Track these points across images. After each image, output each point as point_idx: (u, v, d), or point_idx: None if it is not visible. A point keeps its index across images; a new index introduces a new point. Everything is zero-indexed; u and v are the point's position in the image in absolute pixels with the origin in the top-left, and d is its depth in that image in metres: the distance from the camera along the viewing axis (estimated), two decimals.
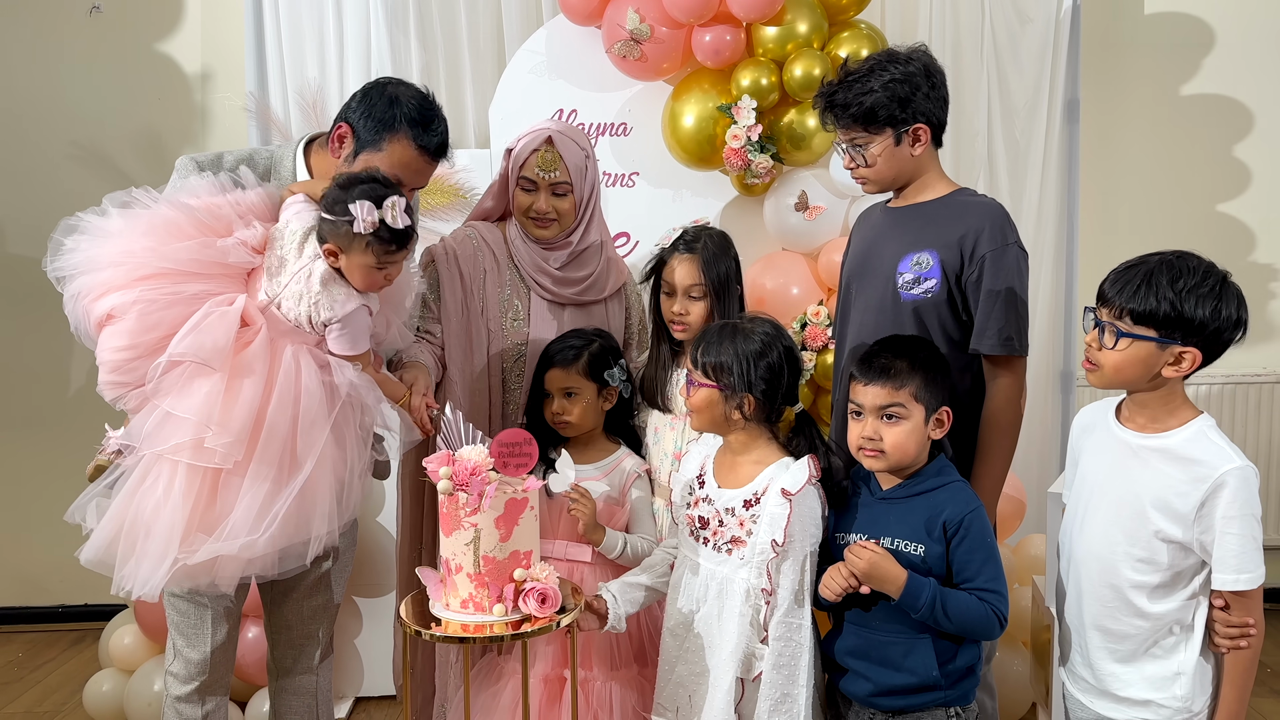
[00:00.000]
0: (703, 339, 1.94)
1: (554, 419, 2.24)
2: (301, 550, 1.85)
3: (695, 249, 2.26)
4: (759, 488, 1.89)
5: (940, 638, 1.82)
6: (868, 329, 2.14)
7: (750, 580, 1.87)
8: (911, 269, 2.09)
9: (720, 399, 1.91)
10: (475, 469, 1.79)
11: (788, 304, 3.00)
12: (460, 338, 2.32)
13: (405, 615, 1.83)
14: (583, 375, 2.22)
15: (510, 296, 2.35)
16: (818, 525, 1.88)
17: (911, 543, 1.82)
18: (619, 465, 2.25)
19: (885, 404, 1.84)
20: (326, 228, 1.90)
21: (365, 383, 1.93)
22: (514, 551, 1.81)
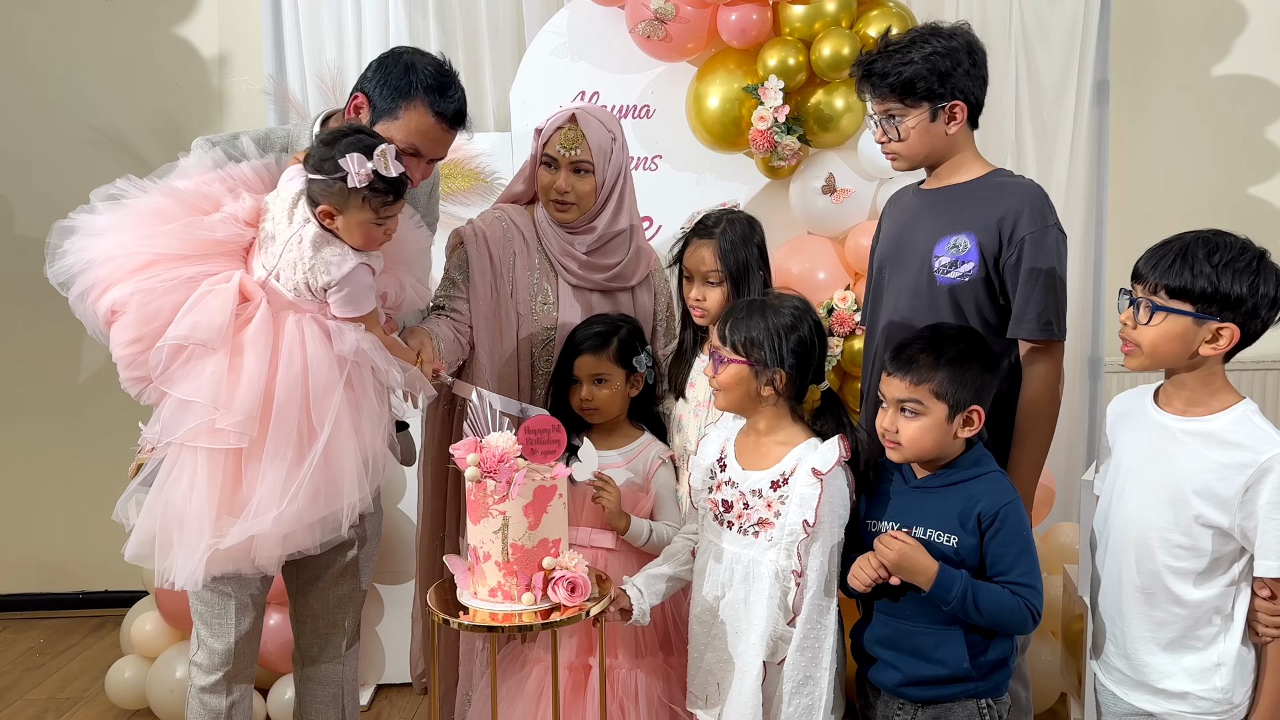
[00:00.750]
0: (730, 315, 1.92)
1: (581, 405, 2.23)
2: (336, 521, 1.84)
3: (713, 234, 2.24)
4: (787, 468, 1.88)
5: (972, 630, 1.80)
6: (901, 314, 2.12)
7: (779, 562, 1.86)
8: (948, 252, 2.07)
9: (750, 375, 1.89)
10: (503, 456, 1.79)
11: (814, 288, 2.98)
12: (489, 320, 2.32)
13: (432, 604, 1.83)
14: (613, 361, 2.22)
15: (539, 280, 2.34)
16: (846, 506, 1.88)
17: (944, 534, 1.80)
18: (643, 451, 2.25)
19: (902, 398, 1.82)
20: (318, 188, 1.85)
21: (371, 344, 1.91)
22: (543, 539, 1.80)
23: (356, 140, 1.84)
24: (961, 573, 1.77)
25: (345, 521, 1.84)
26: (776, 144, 2.91)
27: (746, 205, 3.09)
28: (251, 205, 1.92)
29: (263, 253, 1.90)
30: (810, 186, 2.99)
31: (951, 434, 1.82)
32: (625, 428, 2.29)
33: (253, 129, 2.16)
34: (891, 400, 1.83)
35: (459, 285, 2.35)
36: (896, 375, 1.82)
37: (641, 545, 2.15)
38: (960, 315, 2.06)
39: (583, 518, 2.19)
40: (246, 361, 1.79)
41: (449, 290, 2.36)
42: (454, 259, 2.39)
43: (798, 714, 1.86)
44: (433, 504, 2.41)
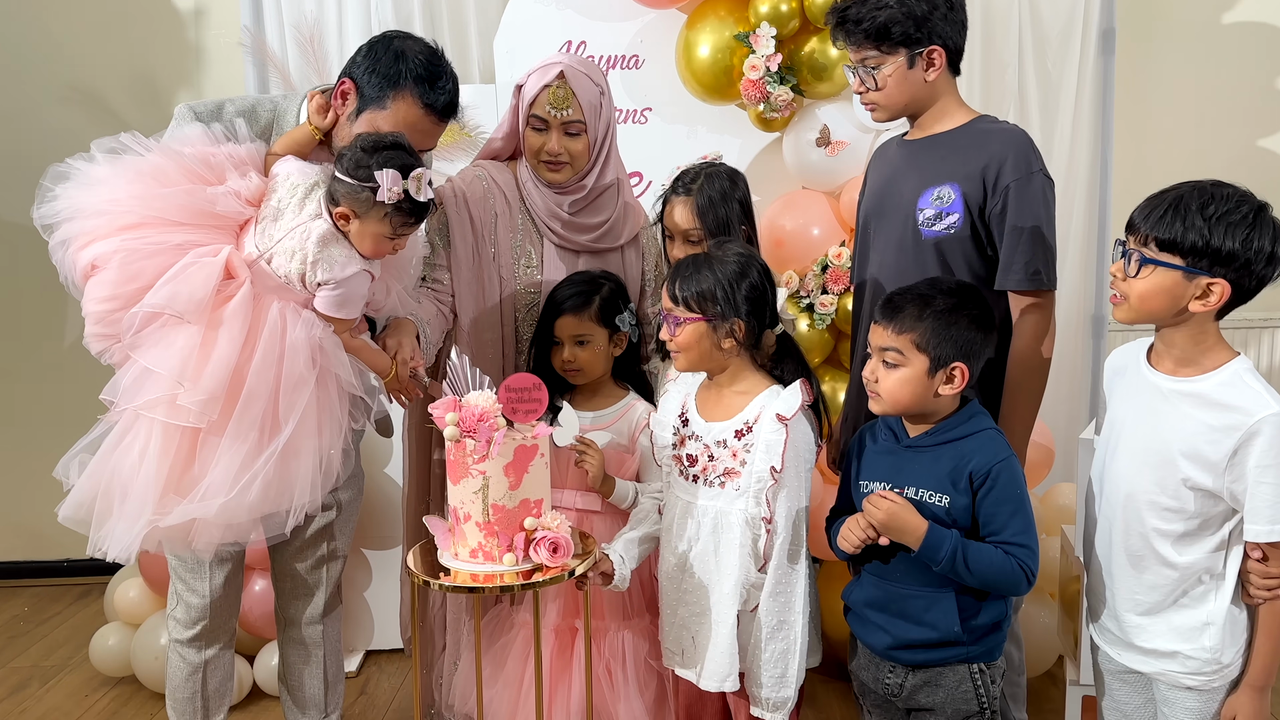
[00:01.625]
0: (677, 273, 1.93)
1: (564, 367, 2.23)
2: (281, 520, 1.84)
3: (691, 191, 2.23)
4: (750, 416, 1.91)
5: (964, 593, 1.81)
6: (888, 270, 2.12)
7: (749, 510, 1.89)
8: (932, 204, 2.06)
9: (708, 330, 1.91)
10: (483, 415, 1.79)
11: (808, 245, 2.96)
12: (471, 285, 2.32)
13: (413, 565, 1.84)
14: (595, 321, 2.22)
15: (523, 242, 2.34)
16: (812, 451, 1.92)
17: (936, 493, 1.80)
18: (628, 412, 2.25)
19: (884, 346, 1.83)
20: (343, 189, 1.87)
21: (332, 344, 1.91)
22: (524, 500, 1.81)
23: (397, 157, 1.86)
24: (951, 532, 1.77)
25: (290, 521, 1.85)
26: (769, 94, 2.87)
27: (739, 159, 3.06)
28: (258, 185, 1.92)
29: (258, 233, 1.89)
30: (804, 139, 2.96)
31: (932, 390, 1.81)
32: (609, 388, 2.29)
33: (237, 97, 2.15)
34: (875, 348, 1.83)
35: (438, 250, 2.34)
36: (882, 323, 1.82)
37: (626, 507, 2.16)
38: (947, 269, 2.05)
39: (567, 480, 2.20)
40: (220, 340, 1.79)
41: (429, 259, 2.35)
42: (433, 221, 2.37)
43: (774, 659, 1.89)
44: (418, 467, 2.41)
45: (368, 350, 2.01)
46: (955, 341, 1.79)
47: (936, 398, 1.81)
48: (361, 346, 1.99)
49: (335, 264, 1.87)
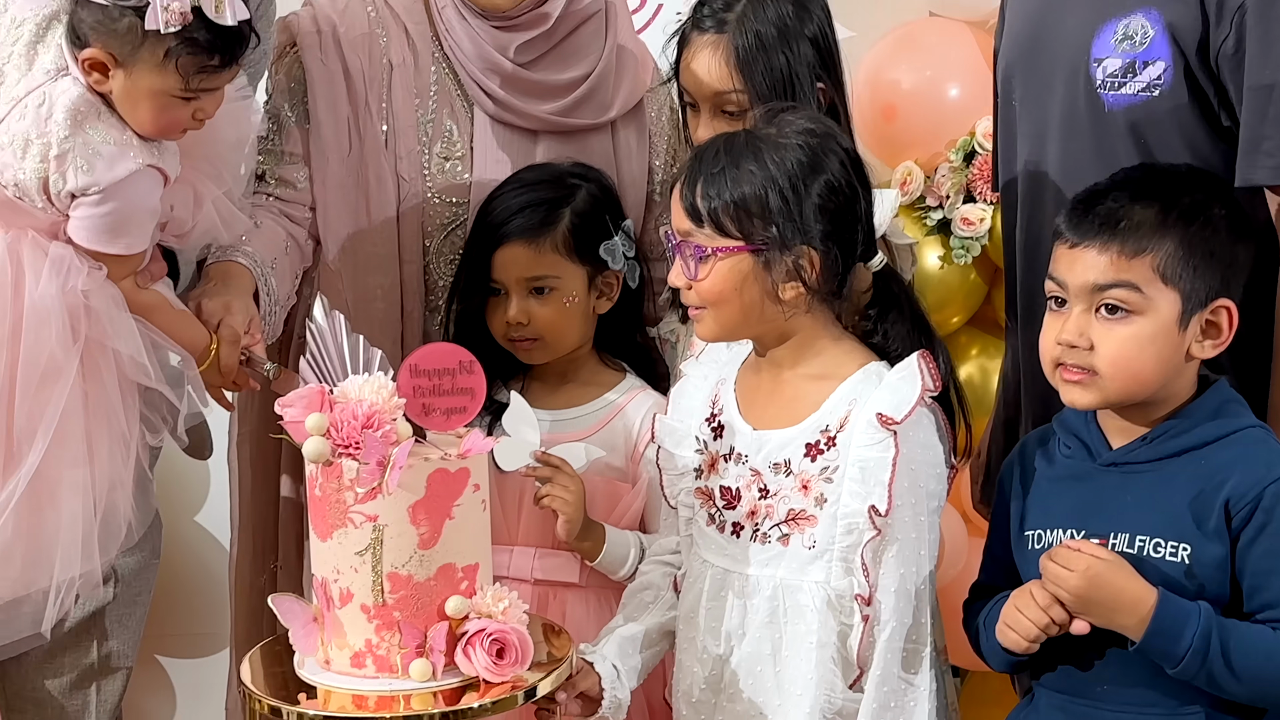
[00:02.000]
0: (697, 168, 1.96)
1: (510, 334, 2.27)
2: (36, 613, 1.89)
3: (726, 24, 2.26)
4: (831, 419, 1.93)
5: (1222, 711, 1.83)
6: (1048, 164, 2.18)
7: (831, 583, 1.93)
8: (1117, 49, 2.10)
9: (754, 268, 1.93)
10: (371, 416, 1.80)
11: (942, 115, 2.99)
12: (347, 191, 2.36)
13: (250, 682, 1.86)
14: (563, 253, 2.25)
15: (439, 115, 2.39)
16: (942, 478, 1.95)
17: (1168, 541, 1.83)
18: (625, 409, 2.29)
19: (1104, 282, 1.84)
20: (91, 20, 1.91)
21: (107, 304, 1.93)
22: (445, 566, 1.82)
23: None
24: (1200, 606, 1.80)
25: (51, 614, 1.89)
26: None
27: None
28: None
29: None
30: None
31: (1184, 351, 1.85)
32: (593, 369, 2.35)
33: None
34: (1079, 290, 1.86)
35: (288, 129, 2.35)
36: (1089, 243, 1.86)
37: (623, 577, 2.20)
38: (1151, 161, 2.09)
39: (520, 531, 2.23)
40: None
41: (269, 141, 2.37)
42: (279, 79, 2.39)
43: None
44: (255, 511, 2.45)
45: (169, 314, 2.02)
46: (1217, 265, 1.84)
47: (1186, 365, 1.86)
48: (157, 306, 2.01)
49: (98, 157, 1.88)
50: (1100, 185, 1.93)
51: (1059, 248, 1.91)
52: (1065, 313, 1.88)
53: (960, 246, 2.96)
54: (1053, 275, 1.91)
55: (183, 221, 2.07)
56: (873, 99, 3.03)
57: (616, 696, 2.00)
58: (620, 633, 2.07)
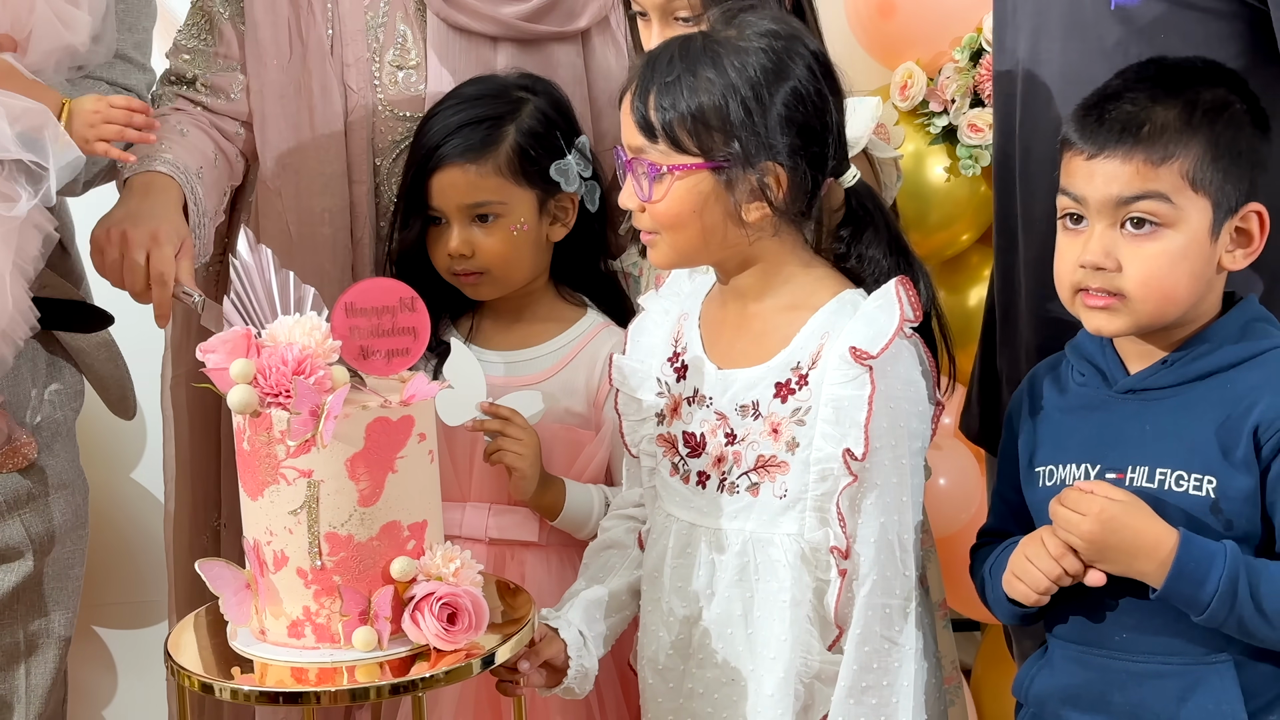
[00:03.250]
0: (650, 74, 1.92)
1: (451, 269, 2.28)
2: None
3: None
4: (802, 354, 1.92)
5: (1254, 658, 1.83)
6: (1045, 63, 2.19)
7: (805, 535, 1.92)
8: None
9: (716, 186, 1.90)
10: (303, 361, 1.77)
11: (946, 10, 2.98)
12: (287, 102, 2.37)
13: (180, 655, 1.85)
14: (507, 175, 2.26)
15: (391, 18, 2.40)
16: (924, 417, 1.93)
17: (1191, 474, 1.82)
18: (585, 348, 2.32)
19: (1131, 194, 1.81)
20: None
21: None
22: (389, 524, 1.80)
23: None
24: (1225, 545, 1.78)
25: None
26: None
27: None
28: None
29: None
30: None
31: (1215, 264, 1.84)
32: (549, 304, 2.37)
33: None
34: (1100, 204, 1.83)
35: (220, 28, 2.35)
36: (1110, 151, 1.82)
37: (587, 535, 2.22)
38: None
39: (473, 485, 2.26)
40: None
41: (200, 40, 2.36)
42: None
43: None
44: (193, 463, 2.46)
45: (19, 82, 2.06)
46: (1248, 163, 1.84)
47: (1216, 276, 1.86)
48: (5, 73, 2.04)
49: None
50: (1111, 86, 1.90)
51: (1072, 159, 1.87)
52: (1084, 231, 1.86)
53: (968, 156, 2.95)
54: (1066, 190, 1.88)
55: (5, 23, 2.07)
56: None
57: (583, 665, 2.00)
58: (584, 596, 2.07)
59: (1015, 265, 2.32)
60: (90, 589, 2.90)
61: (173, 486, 2.51)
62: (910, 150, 3.02)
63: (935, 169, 2.98)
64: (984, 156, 2.92)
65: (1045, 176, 1.97)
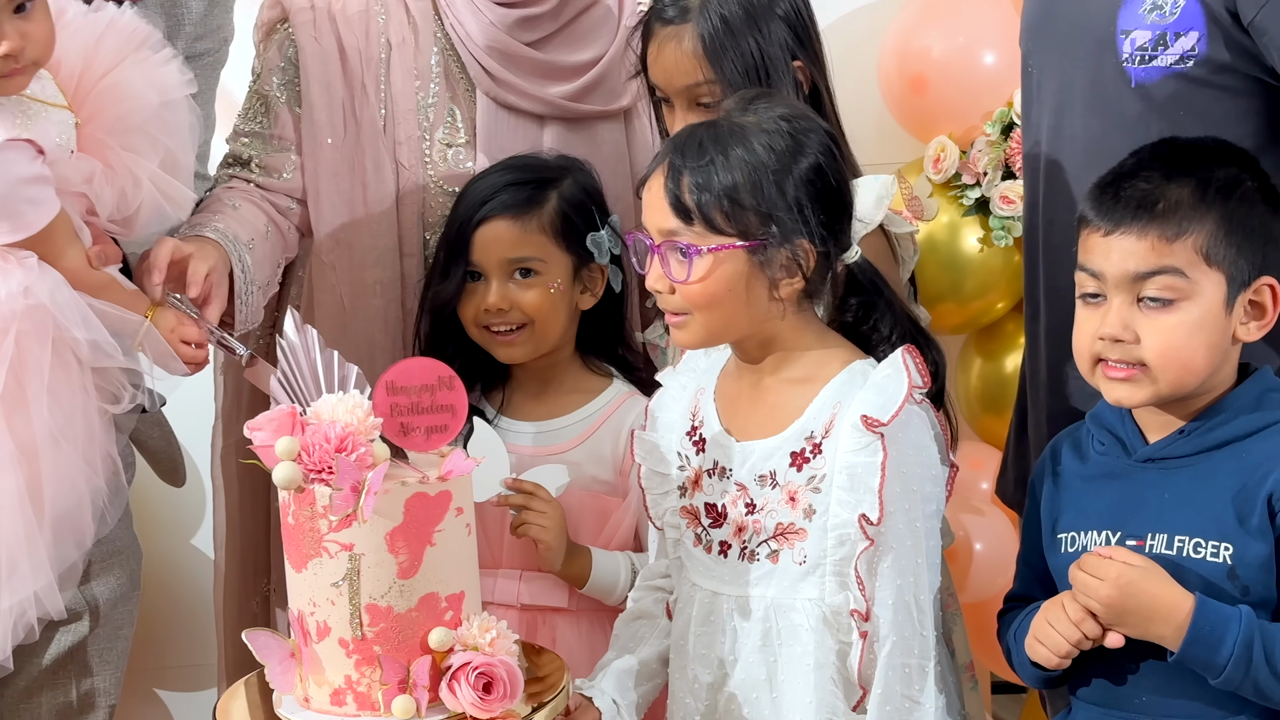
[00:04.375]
0: (680, 158, 1.92)
1: (487, 321, 2.28)
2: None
3: (689, 11, 2.23)
4: (815, 424, 1.93)
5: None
6: (1070, 143, 2.20)
7: (826, 599, 1.92)
8: (1146, 19, 2.10)
9: (750, 264, 1.91)
10: (345, 438, 1.79)
11: (977, 85, 3.00)
12: (340, 179, 2.39)
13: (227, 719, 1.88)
14: (549, 234, 2.27)
15: (441, 98, 2.42)
16: (938, 481, 1.93)
17: (1208, 541, 1.83)
18: (612, 416, 2.31)
19: (1146, 270, 1.83)
20: None
21: (57, 289, 1.94)
22: (427, 596, 1.82)
23: None
24: (1240, 610, 1.79)
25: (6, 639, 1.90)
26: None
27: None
28: None
29: None
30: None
31: (1230, 335, 1.86)
32: (576, 374, 2.36)
33: None
34: (1119, 280, 1.86)
35: (277, 111, 2.37)
36: (1127, 228, 1.85)
37: (617, 601, 2.22)
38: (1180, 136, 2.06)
39: (504, 553, 2.24)
40: None
41: (258, 123, 2.38)
42: (269, 58, 2.40)
43: None
44: (243, 529, 2.48)
45: (120, 294, 2.04)
46: (1257, 241, 1.85)
47: (1231, 348, 1.87)
48: (108, 286, 2.03)
49: None
50: (1127, 165, 1.92)
51: (1089, 236, 1.89)
52: (1103, 305, 1.87)
53: (1001, 227, 2.97)
54: (1084, 266, 1.90)
55: (124, 202, 2.06)
56: (901, 69, 3.04)
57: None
58: (616, 665, 2.06)
59: (1038, 336, 2.32)
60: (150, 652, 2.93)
61: (223, 552, 2.52)
62: (944, 221, 3.04)
63: (969, 239, 3.00)
64: (1016, 227, 2.91)
65: (1069, 249, 1.97)
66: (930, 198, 3.04)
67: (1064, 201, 2.23)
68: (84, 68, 2.05)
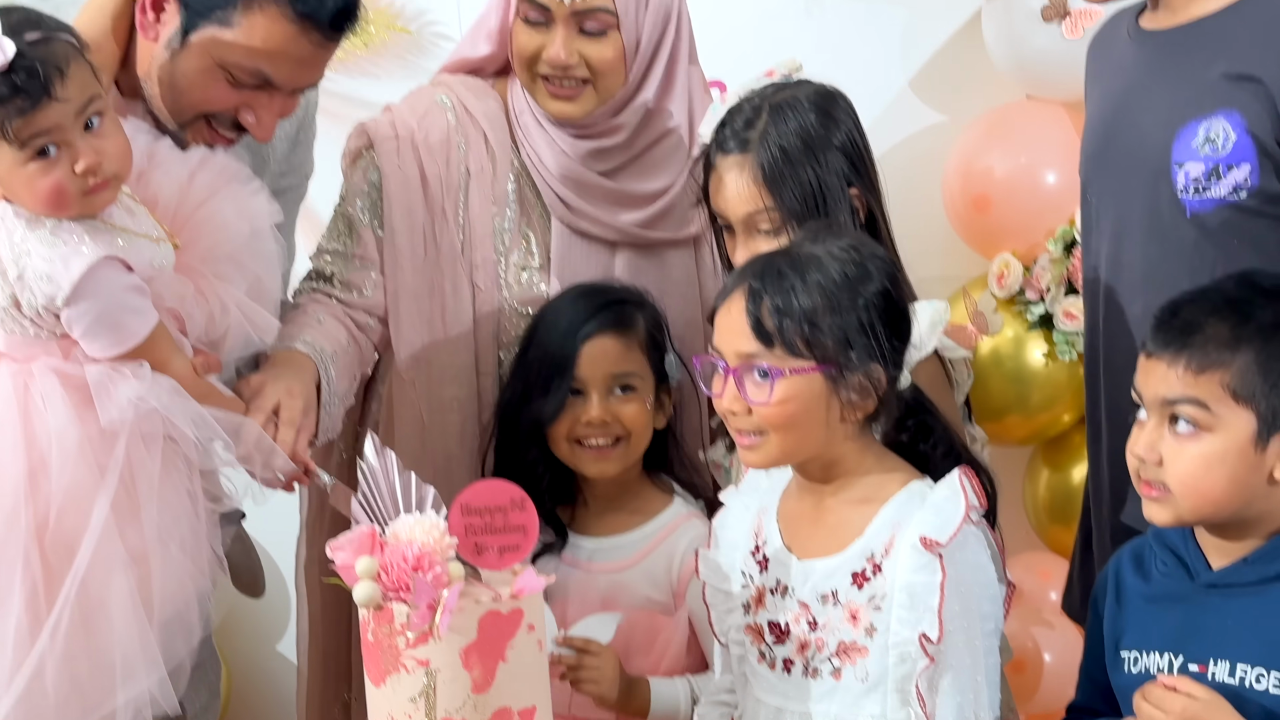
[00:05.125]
0: (760, 284, 1.94)
1: (588, 435, 2.30)
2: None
3: (748, 143, 2.26)
4: (876, 544, 1.94)
5: None
6: (1130, 269, 2.22)
7: (888, 716, 1.92)
8: (1199, 152, 2.12)
9: (825, 387, 1.93)
10: (422, 558, 1.83)
11: (1040, 203, 3.01)
12: (420, 299, 2.43)
13: None
14: (644, 352, 2.34)
15: (516, 223, 2.46)
16: (996, 600, 1.94)
17: (1270, 671, 1.83)
18: (670, 536, 2.33)
19: (1172, 397, 1.86)
20: None
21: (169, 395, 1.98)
22: (500, 711, 1.84)
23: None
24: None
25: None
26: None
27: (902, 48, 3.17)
28: None
29: None
30: (1020, 7, 3.02)
31: (1263, 473, 1.85)
32: (642, 493, 2.40)
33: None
34: (1152, 402, 1.89)
35: (357, 230, 2.42)
36: (1162, 355, 1.88)
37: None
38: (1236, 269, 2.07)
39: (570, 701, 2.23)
40: None
41: (341, 243, 2.43)
42: (354, 182, 2.46)
43: None
44: (325, 637, 2.50)
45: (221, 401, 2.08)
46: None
47: (1270, 487, 1.86)
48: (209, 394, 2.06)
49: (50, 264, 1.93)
50: (1184, 294, 1.95)
51: (1141, 357, 1.92)
52: (1140, 424, 1.90)
53: (1064, 342, 2.99)
54: (1134, 385, 1.93)
55: (212, 324, 2.10)
56: (965, 188, 3.08)
57: None
58: None
59: (1100, 455, 2.33)
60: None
61: (305, 659, 2.54)
62: (1009, 335, 3.06)
63: (1034, 353, 3.01)
64: (1079, 342, 2.87)
65: (1129, 371, 1.96)
66: (995, 313, 3.07)
67: (1123, 326, 2.26)
68: (179, 201, 2.11)
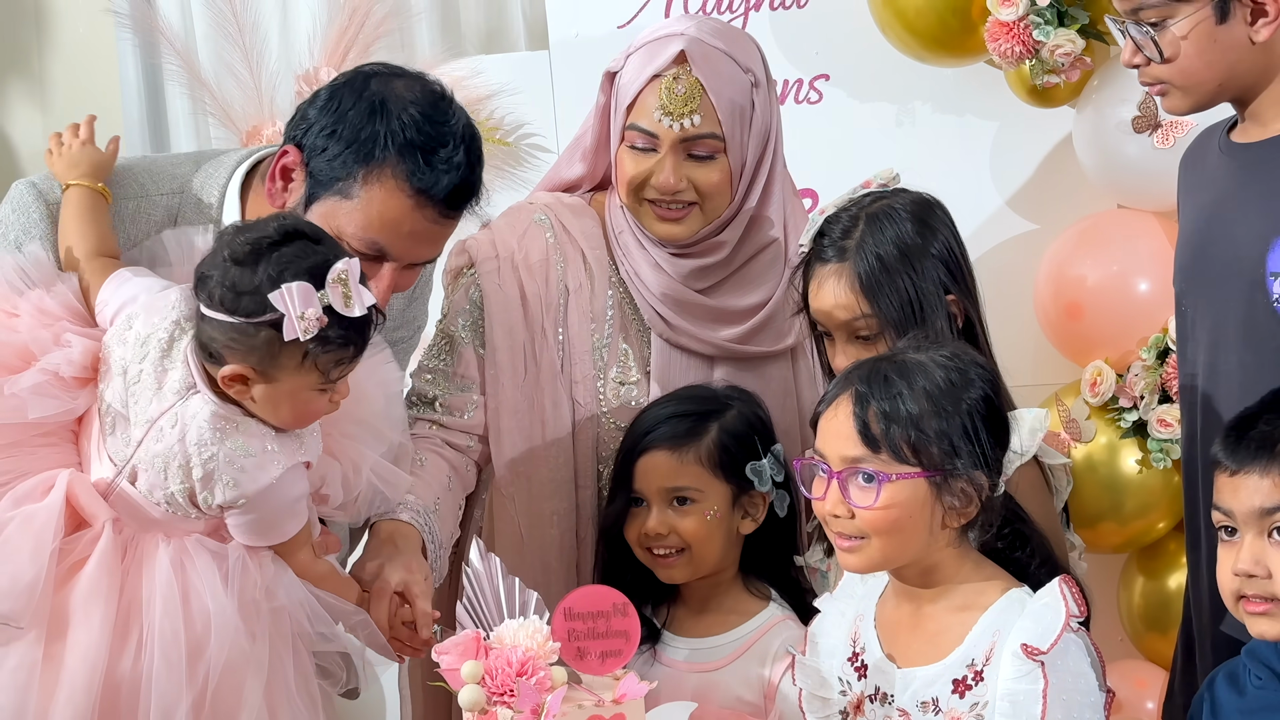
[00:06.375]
0: (867, 390, 1.98)
1: (648, 544, 2.33)
2: None
3: (846, 251, 2.30)
4: (976, 652, 1.95)
5: None
6: (1224, 374, 2.24)
7: None
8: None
9: (929, 492, 1.96)
10: (526, 663, 1.86)
11: (1132, 311, 3.03)
12: (520, 415, 2.46)
13: None
14: (707, 466, 2.33)
15: (615, 339, 2.50)
16: (1096, 707, 1.93)
17: None
18: (763, 638, 2.33)
19: (1271, 506, 1.86)
20: (224, 336, 1.97)
21: (289, 589, 2.05)
22: None
23: (298, 255, 1.97)
24: None
25: None
26: (1038, 45, 2.96)
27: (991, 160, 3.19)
28: (84, 351, 2.04)
29: (111, 434, 2.03)
30: (1112, 118, 3.05)
31: None
32: (735, 596, 2.39)
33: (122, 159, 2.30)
34: (1247, 517, 1.89)
35: (461, 351, 2.46)
36: (1250, 468, 1.89)
37: None
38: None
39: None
40: (75, 644, 1.93)
41: (442, 361, 2.48)
42: (456, 300, 2.51)
43: None
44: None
45: (338, 581, 2.14)
46: None
47: None
48: (328, 575, 2.12)
49: (242, 472, 1.98)
50: (1251, 409, 1.97)
51: (1219, 476, 1.93)
52: (1237, 542, 1.90)
53: (1159, 449, 2.98)
54: (1218, 505, 1.93)
55: (344, 492, 2.15)
56: (1057, 296, 3.09)
57: None
58: None
59: (1200, 564, 2.32)
60: None
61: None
62: (1103, 442, 3.07)
63: (1128, 460, 3.01)
64: (1174, 449, 2.91)
65: None
66: (1088, 420, 3.08)
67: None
68: None
